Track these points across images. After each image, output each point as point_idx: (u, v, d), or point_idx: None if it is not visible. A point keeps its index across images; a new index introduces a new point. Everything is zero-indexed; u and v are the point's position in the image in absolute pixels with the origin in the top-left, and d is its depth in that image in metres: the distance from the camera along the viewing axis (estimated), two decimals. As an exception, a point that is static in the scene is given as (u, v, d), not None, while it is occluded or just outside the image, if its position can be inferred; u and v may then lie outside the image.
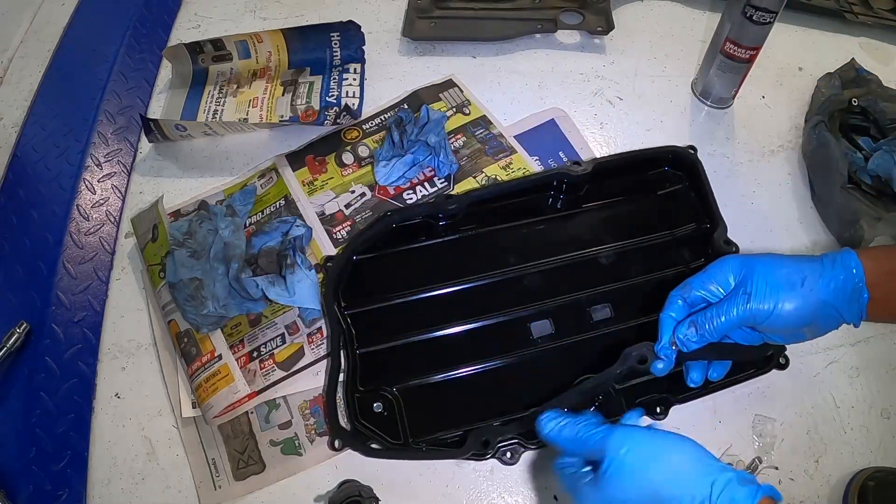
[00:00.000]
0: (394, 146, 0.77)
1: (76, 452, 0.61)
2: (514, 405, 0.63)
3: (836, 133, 0.80)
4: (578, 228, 0.73)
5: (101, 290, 0.71)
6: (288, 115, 0.82)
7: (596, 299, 0.69)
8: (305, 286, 0.66)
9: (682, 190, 0.76)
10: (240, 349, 0.65)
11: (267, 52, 0.87)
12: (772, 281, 0.50)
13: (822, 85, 0.86)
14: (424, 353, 0.66)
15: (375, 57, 0.90)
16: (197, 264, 0.66)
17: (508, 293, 0.69)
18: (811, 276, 0.50)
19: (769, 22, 0.75)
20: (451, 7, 0.93)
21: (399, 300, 0.68)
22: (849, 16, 0.96)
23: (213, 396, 0.62)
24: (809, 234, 0.77)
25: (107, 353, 0.67)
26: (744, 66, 0.81)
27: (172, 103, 0.85)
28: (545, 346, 0.66)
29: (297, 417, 0.63)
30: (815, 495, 0.62)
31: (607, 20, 0.92)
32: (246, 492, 0.60)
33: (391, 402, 0.62)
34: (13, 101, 0.87)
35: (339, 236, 0.73)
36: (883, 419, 0.66)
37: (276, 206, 0.75)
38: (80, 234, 0.75)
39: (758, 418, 0.65)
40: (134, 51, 0.91)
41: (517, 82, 0.88)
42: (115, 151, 0.81)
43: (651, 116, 0.86)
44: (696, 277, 0.54)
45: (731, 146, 0.84)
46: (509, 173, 0.78)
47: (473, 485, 0.61)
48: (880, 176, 0.77)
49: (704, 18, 0.98)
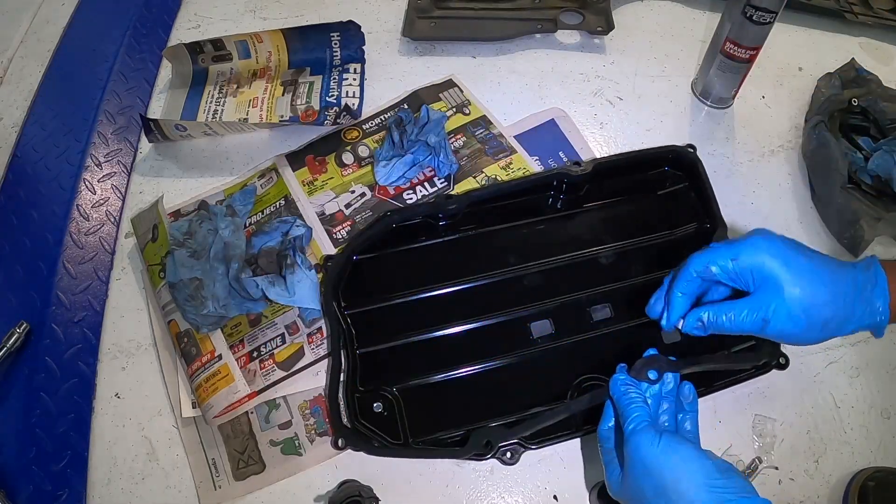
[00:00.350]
0: (394, 146, 0.77)
1: (76, 452, 0.61)
2: (514, 405, 0.63)
3: (836, 133, 0.80)
4: (578, 228, 0.73)
5: (101, 290, 0.71)
6: (288, 115, 0.82)
7: (596, 299, 0.69)
8: (305, 286, 0.66)
9: (683, 190, 0.76)
10: (240, 349, 0.65)
11: (267, 52, 0.87)
12: (794, 315, 0.47)
13: (822, 85, 0.86)
14: (424, 353, 0.66)
15: (375, 57, 0.90)
16: (197, 264, 0.66)
17: (508, 293, 0.69)
18: (836, 319, 0.48)
19: (769, 22, 0.75)
20: (451, 7, 0.93)
21: (399, 300, 0.68)
22: (849, 16, 0.96)
23: (213, 396, 0.62)
24: (809, 234, 0.77)
25: (107, 353, 0.67)
26: (744, 66, 0.81)
27: (172, 103, 0.85)
28: (545, 346, 0.66)
29: (297, 417, 0.63)
30: (815, 495, 0.62)
31: (607, 20, 0.92)
32: (246, 492, 0.60)
33: (391, 402, 0.62)
34: (13, 101, 0.87)
35: (339, 236, 0.73)
36: (883, 419, 0.66)
37: (276, 206, 0.75)
38: (80, 234, 0.75)
39: (758, 418, 0.65)
40: (134, 51, 0.91)
41: (517, 82, 0.88)
42: (115, 151, 0.81)
43: (651, 116, 0.86)
44: (720, 256, 0.49)
45: (731, 146, 0.84)
46: (509, 173, 0.78)
47: (473, 485, 0.61)
48: (880, 176, 0.77)
49: (704, 18, 0.98)
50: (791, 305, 0.47)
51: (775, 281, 0.47)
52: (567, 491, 0.61)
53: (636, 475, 0.45)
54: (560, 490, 0.61)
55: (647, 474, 0.45)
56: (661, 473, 0.44)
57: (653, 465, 0.44)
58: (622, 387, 0.49)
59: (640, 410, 0.48)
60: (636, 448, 0.46)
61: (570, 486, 0.62)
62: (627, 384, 0.50)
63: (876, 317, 0.48)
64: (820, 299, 0.47)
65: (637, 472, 0.45)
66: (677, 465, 0.44)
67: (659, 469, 0.44)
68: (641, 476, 0.45)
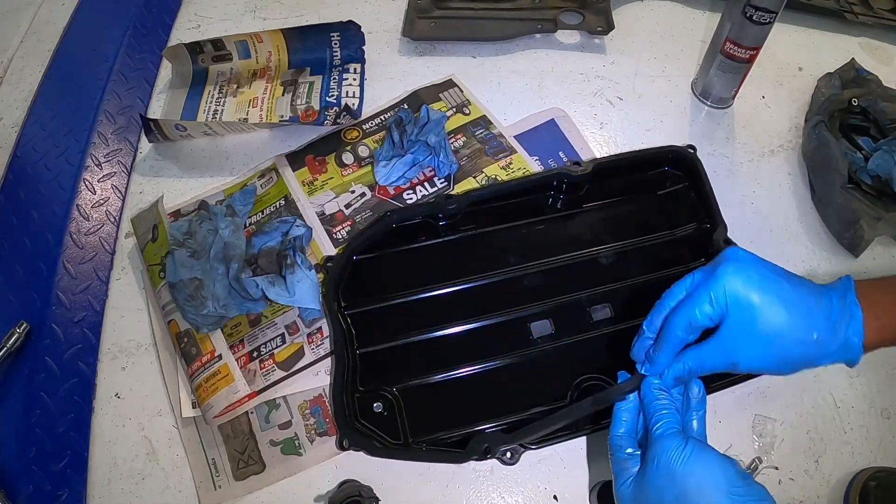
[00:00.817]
0: (394, 146, 0.77)
1: (76, 452, 0.61)
2: (514, 405, 0.63)
3: (836, 133, 0.80)
4: (578, 228, 0.73)
5: (101, 290, 0.71)
6: (288, 115, 0.82)
7: (596, 299, 0.69)
8: (305, 286, 0.66)
9: (682, 190, 0.76)
10: (240, 349, 0.65)
11: (267, 52, 0.87)
12: (763, 356, 0.46)
13: (822, 85, 0.86)
14: (424, 353, 0.66)
15: (375, 57, 0.90)
16: (197, 264, 0.66)
17: (508, 293, 0.69)
18: (808, 357, 0.46)
19: (769, 22, 0.75)
20: (451, 7, 0.93)
21: (399, 300, 0.68)
22: (849, 16, 0.96)
23: (213, 396, 0.62)
24: (809, 234, 0.77)
25: (107, 353, 0.67)
26: (744, 66, 0.81)
27: (172, 103, 0.85)
28: (545, 346, 0.66)
29: (297, 417, 0.63)
30: (815, 495, 0.62)
31: (607, 20, 0.92)
32: (246, 492, 0.60)
33: (391, 402, 0.62)
34: (13, 101, 0.87)
35: (339, 236, 0.73)
36: (883, 419, 0.66)
37: (276, 206, 0.75)
38: (80, 234, 0.75)
39: (758, 418, 0.65)
40: (134, 51, 0.91)
41: (517, 82, 0.88)
42: (115, 151, 0.81)
43: (651, 116, 0.86)
44: (699, 304, 0.46)
45: (731, 146, 0.84)
46: (509, 173, 0.78)
47: (473, 485, 0.61)
48: (880, 176, 0.77)
49: (704, 18, 0.98)
50: (759, 347, 0.46)
51: (743, 319, 0.46)
52: (567, 491, 0.61)
53: (657, 480, 0.44)
54: (560, 490, 0.61)
55: (670, 480, 0.44)
56: (685, 479, 0.43)
57: (677, 471, 0.44)
58: (655, 391, 0.49)
59: (671, 417, 0.47)
60: (662, 452, 0.45)
61: (570, 486, 0.62)
62: (661, 389, 0.49)
63: (849, 354, 0.47)
64: (790, 339, 0.46)
65: (659, 476, 0.44)
66: (702, 471, 0.43)
67: (683, 475, 0.43)
68: (664, 481, 0.44)
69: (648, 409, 0.48)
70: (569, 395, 0.63)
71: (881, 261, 0.76)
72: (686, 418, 0.49)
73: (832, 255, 0.76)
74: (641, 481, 0.46)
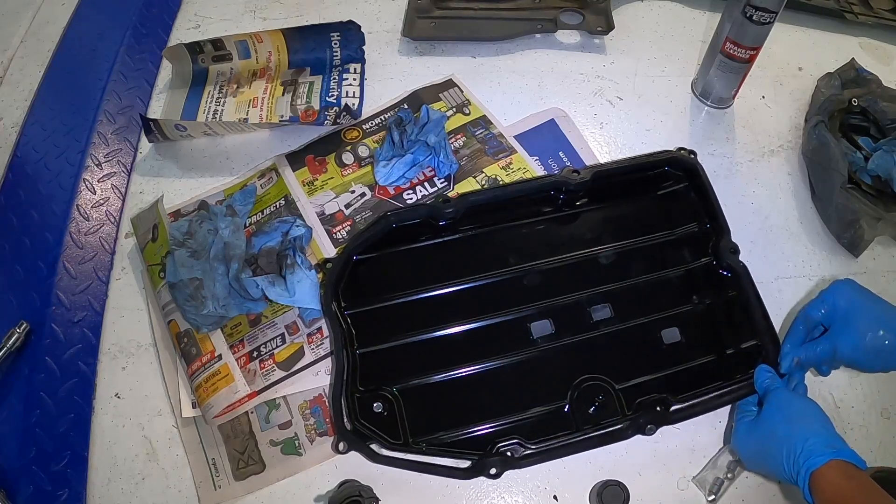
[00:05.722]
0: (394, 146, 0.77)
1: (76, 452, 0.61)
2: (513, 405, 0.63)
3: (836, 133, 0.80)
4: (578, 228, 0.73)
5: (101, 290, 0.71)
6: (288, 115, 0.82)
7: (596, 299, 0.69)
8: (305, 286, 0.66)
9: (682, 190, 0.76)
10: (240, 349, 0.65)
11: (267, 52, 0.87)
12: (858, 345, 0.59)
13: (822, 85, 0.86)
14: (424, 353, 0.66)
15: (375, 57, 0.90)
16: (197, 264, 0.66)
17: (508, 293, 0.69)
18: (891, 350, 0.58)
19: (769, 22, 0.75)
20: (451, 7, 0.93)
21: (399, 300, 0.68)
22: (849, 16, 0.96)
23: (213, 396, 0.62)
24: (809, 234, 0.77)
25: (107, 353, 0.67)
26: (744, 66, 0.81)
27: (172, 103, 0.85)
28: (545, 346, 0.66)
29: (297, 417, 0.63)
30: (815, 495, 0.62)
31: (607, 20, 0.92)
32: (246, 492, 0.60)
33: (391, 402, 0.62)
34: (13, 101, 0.87)
35: (339, 236, 0.73)
36: (883, 419, 0.66)
37: (276, 206, 0.75)
38: (80, 234, 0.75)
39: (758, 418, 0.65)
40: (134, 51, 0.91)
41: (517, 82, 0.88)
42: (115, 151, 0.81)
43: (651, 116, 0.86)
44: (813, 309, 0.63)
45: (731, 146, 0.84)
46: (509, 173, 0.77)
47: (473, 485, 0.61)
48: (880, 176, 0.77)
49: (704, 18, 0.98)
50: (855, 338, 0.59)
51: (845, 319, 0.60)
52: (567, 491, 0.62)
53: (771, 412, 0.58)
54: (560, 490, 0.62)
55: (779, 409, 0.58)
56: (790, 406, 0.58)
57: (785, 403, 0.58)
58: (766, 372, 0.62)
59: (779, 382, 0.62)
60: (775, 394, 0.59)
61: (570, 486, 0.62)
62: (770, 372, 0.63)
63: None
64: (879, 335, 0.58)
65: (772, 409, 0.58)
66: (803, 403, 0.58)
67: (789, 404, 0.58)
68: (776, 411, 0.58)
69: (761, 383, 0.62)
70: (568, 395, 0.63)
71: (881, 261, 0.76)
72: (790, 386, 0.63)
73: (832, 255, 0.76)
74: (756, 419, 0.60)
